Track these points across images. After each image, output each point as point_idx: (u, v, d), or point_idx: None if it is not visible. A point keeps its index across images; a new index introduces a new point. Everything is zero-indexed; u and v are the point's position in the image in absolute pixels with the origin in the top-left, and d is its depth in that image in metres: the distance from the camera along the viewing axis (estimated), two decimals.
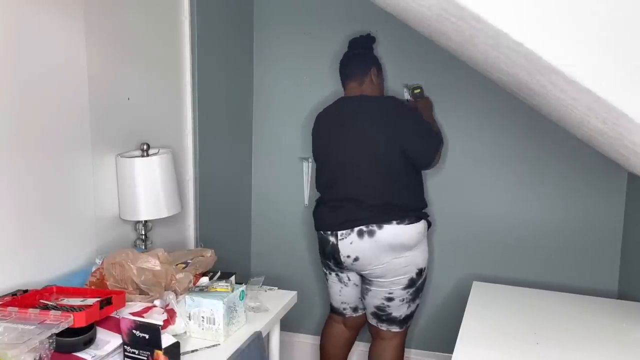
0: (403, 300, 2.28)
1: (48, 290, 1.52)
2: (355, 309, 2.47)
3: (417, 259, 2.25)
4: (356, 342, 2.78)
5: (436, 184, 2.67)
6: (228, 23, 2.63)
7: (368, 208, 2.20)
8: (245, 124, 2.87)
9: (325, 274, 2.45)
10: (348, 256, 2.23)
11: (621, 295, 2.45)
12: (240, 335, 1.56)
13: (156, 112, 2.16)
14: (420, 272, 2.27)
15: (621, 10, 1.00)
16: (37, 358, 1.20)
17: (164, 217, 1.97)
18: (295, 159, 2.85)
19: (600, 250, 2.52)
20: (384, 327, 2.35)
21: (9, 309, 1.35)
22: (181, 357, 1.39)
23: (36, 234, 1.62)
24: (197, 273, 1.74)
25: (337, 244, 2.24)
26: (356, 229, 2.19)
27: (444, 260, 2.72)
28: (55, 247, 1.69)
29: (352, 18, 2.66)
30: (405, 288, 2.26)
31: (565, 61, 1.06)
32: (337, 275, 2.39)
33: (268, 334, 1.80)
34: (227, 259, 2.20)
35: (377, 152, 2.20)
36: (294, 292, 1.93)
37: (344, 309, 2.47)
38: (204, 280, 1.68)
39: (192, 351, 1.46)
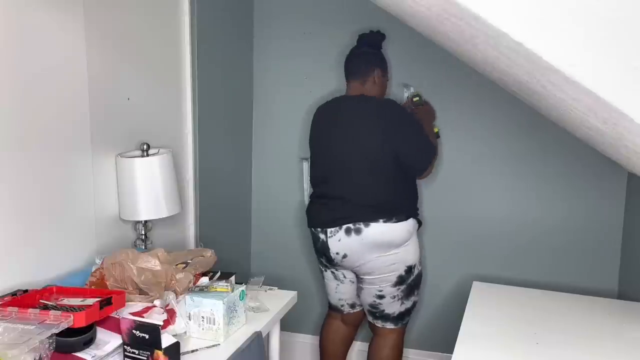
0: (394, 297, 2.30)
1: (48, 290, 1.52)
2: (352, 305, 2.49)
3: (405, 256, 2.26)
4: (355, 342, 2.78)
5: (436, 184, 2.67)
6: (228, 23, 2.63)
7: (357, 207, 2.22)
8: (245, 124, 2.87)
9: (322, 270, 2.47)
10: (337, 253, 2.26)
11: (621, 295, 2.45)
12: (240, 335, 1.56)
13: (156, 112, 2.16)
14: (409, 269, 2.28)
15: (621, 10, 1.00)
16: (37, 358, 1.20)
17: (164, 217, 1.97)
18: (295, 158, 2.85)
19: (600, 250, 2.52)
20: (379, 323, 2.39)
21: (9, 309, 1.35)
22: (181, 357, 1.39)
23: (36, 234, 1.62)
24: (197, 273, 1.74)
25: (326, 241, 2.27)
26: (344, 226, 2.21)
27: (444, 260, 2.72)
28: (55, 247, 1.69)
29: (353, 18, 2.66)
30: (394, 285, 2.27)
31: (565, 61, 1.06)
32: (332, 272, 2.41)
33: (268, 334, 1.80)
34: (227, 259, 2.20)
35: (371, 154, 2.22)
36: (294, 292, 1.93)
37: (342, 305, 2.49)
38: (204, 280, 1.68)
39: (192, 351, 1.46)
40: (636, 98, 1.07)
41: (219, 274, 1.80)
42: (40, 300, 1.46)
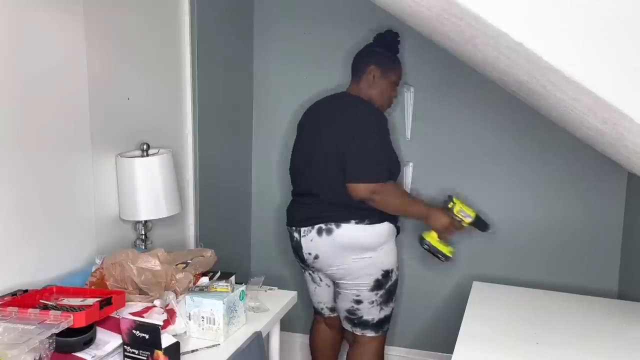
0: (372, 302, 2.23)
1: (48, 290, 1.51)
2: (332, 309, 2.44)
3: (379, 260, 2.18)
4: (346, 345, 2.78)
5: (436, 184, 2.67)
6: (228, 23, 2.63)
7: (327, 205, 2.17)
8: (245, 124, 2.87)
9: (303, 272, 2.44)
10: (309, 253, 2.22)
11: (621, 295, 2.45)
12: (240, 335, 1.56)
13: (156, 112, 2.16)
14: (387, 273, 2.21)
15: (621, 10, 1.00)
16: (37, 358, 1.20)
17: (164, 217, 1.97)
18: None
19: (600, 250, 2.52)
20: (358, 331, 2.30)
21: (9, 309, 1.35)
22: (181, 357, 1.39)
23: (36, 234, 1.62)
24: (197, 273, 1.74)
25: (299, 241, 2.24)
26: (316, 226, 2.17)
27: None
28: (55, 247, 1.69)
29: (353, 18, 2.66)
30: (372, 290, 2.20)
31: (565, 61, 1.06)
32: (309, 274, 2.38)
33: (268, 334, 1.80)
34: (227, 259, 2.20)
35: (335, 152, 2.14)
36: (294, 292, 1.93)
37: (321, 308, 2.46)
38: (204, 280, 1.68)
39: (192, 351, 1.46)
40: (636, 98, 1.07)
41: (219, 274, 1.80)
42: (40, 300, 1.46)
